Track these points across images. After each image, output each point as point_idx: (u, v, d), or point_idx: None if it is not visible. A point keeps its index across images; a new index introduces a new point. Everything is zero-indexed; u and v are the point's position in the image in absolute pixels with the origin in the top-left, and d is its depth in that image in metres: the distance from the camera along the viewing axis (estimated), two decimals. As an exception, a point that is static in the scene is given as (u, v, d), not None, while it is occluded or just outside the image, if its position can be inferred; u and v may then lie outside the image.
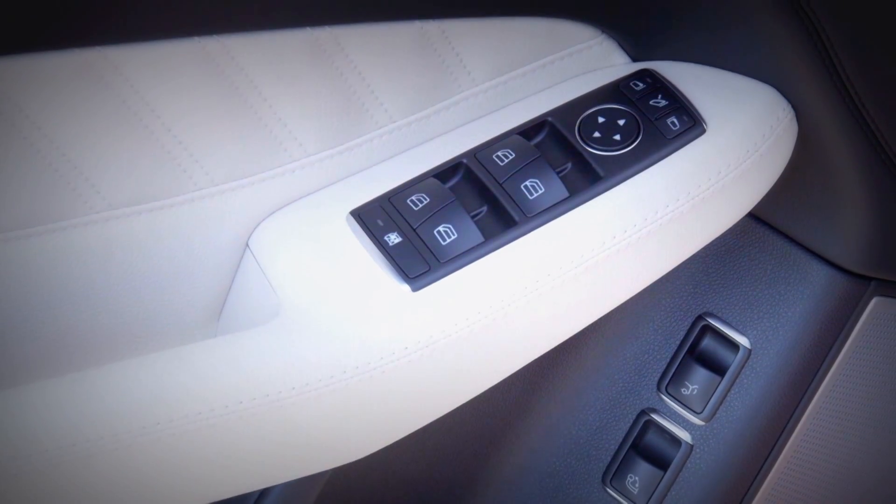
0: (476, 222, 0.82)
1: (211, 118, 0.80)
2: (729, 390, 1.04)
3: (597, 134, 0.86)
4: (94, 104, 0.76)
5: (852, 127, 0.88)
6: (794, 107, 0.88)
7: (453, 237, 0.81)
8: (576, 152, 0.85)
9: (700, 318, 1.06)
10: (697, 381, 1.05)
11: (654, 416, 1.07)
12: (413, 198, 0.83)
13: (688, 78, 0.89)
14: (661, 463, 1.07)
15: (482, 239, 0.82)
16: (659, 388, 1.07)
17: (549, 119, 0.87)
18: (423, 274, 0.80)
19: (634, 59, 0.91)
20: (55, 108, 0.75)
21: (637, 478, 1.07)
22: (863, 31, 0.84)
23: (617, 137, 0.86)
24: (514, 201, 0.83)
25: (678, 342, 1.06)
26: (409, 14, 0.83)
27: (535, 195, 0.83)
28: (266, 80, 0.81)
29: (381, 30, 0.83)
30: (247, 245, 0.84)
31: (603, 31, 0.90)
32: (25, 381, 0.76)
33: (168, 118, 0.79)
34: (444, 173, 0.85)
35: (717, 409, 1.05)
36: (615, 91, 0.88)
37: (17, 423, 0.72)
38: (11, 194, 0.76)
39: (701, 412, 1.05)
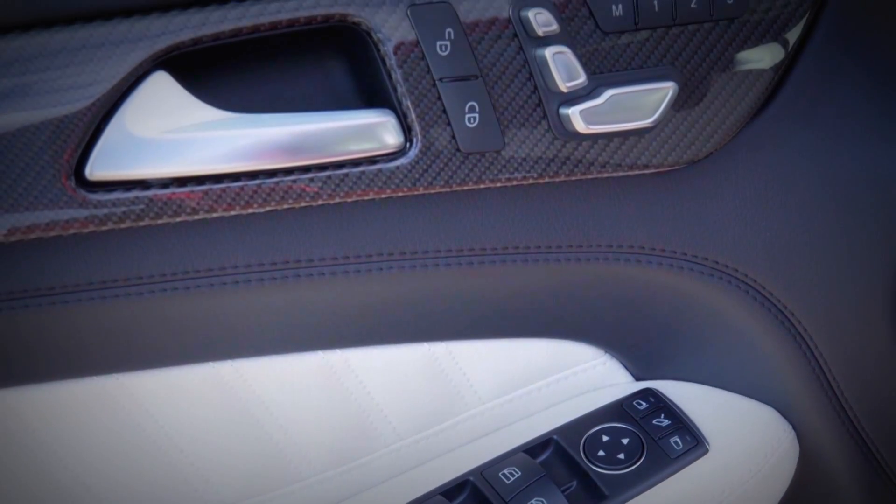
0: (483, 541, 0.83)
1: (222, 438, 0.82)
2: None
3: (601, 452, 0.87)
4: (109, 429, 0.78)
5: (853, 448, 0.89)
6: (795, 427, 0.90)
7: None
8: (581, 471, 0.86)
9: None
10: None
11: None
12: (420, 517, 0.84)
13: (690, 398, 0.90)
14: None
15: (489, 559, 0.82)
16: None
17: (555, 437, 0.88)
18: None
19: (637, 378, 0.93)
20: (70, 434, 0.77)
21: None
22: (858, 352, 0.86)
23: (621, 456, 0.87)
24: None
25: None
26: (418, 338, 0.85)
27: None
28: (277, 400, 0.83)
29: (390, 351, 0.85)
30: (253, 564, 0.84)
31: (606, 352, 0.92)
32: None
33: (180, 440, 0.80)
34: (450, 491, 0.85)
35: None
36: (619, 410, 0.89)
37: None
38: None
39: None
